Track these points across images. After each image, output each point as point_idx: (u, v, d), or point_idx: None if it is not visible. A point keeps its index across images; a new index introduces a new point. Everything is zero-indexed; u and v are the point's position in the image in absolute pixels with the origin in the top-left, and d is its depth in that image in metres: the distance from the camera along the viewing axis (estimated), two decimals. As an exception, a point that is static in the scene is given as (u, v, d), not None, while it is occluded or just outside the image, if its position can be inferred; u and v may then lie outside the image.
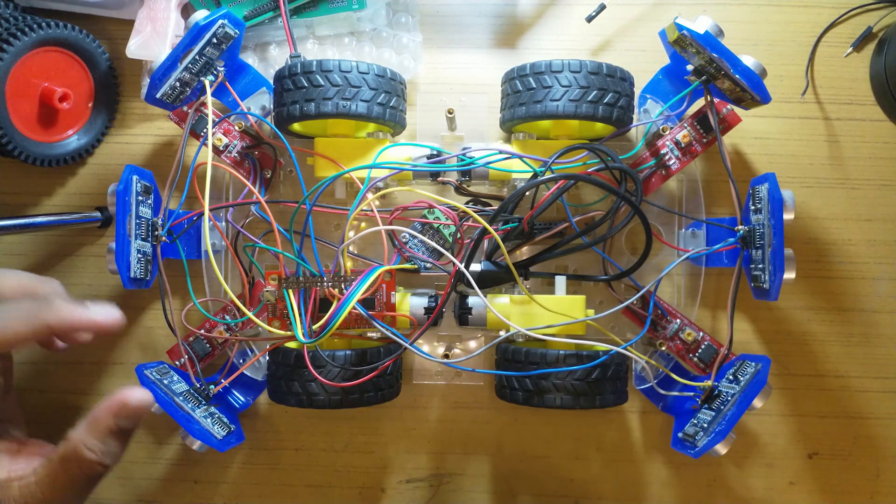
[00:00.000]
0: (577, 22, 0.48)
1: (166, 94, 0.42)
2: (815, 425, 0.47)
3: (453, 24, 0.49)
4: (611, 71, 0.41)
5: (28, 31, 0.43)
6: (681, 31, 0.39)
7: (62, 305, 0.36)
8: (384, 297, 0.42)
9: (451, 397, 0.47)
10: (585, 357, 0.40)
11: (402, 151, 0.43)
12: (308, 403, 0.41)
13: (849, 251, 0.47)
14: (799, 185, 0.47)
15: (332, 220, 0.46)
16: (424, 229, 0.43)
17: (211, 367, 0.46)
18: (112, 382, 0.48)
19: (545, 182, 0.39)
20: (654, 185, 0.44)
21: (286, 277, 0.41)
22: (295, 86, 0.41)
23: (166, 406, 0.40)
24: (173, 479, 0.48)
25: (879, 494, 0.46)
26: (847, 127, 0.47)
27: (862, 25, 0.47)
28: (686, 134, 0.44)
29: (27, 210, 0.49)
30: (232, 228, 0.44)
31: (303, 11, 0.46)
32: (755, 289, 0.41)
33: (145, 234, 0.42)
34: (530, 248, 0.44)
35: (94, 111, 0.48)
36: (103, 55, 0.47)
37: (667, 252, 0.46)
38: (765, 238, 0.40)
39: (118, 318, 0.38)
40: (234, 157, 0.45)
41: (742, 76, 0.40)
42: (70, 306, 0.36)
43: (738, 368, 0.41)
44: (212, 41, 0.42)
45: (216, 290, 0.46)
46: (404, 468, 0.47)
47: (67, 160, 0.47)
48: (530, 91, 0.41)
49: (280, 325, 0.42)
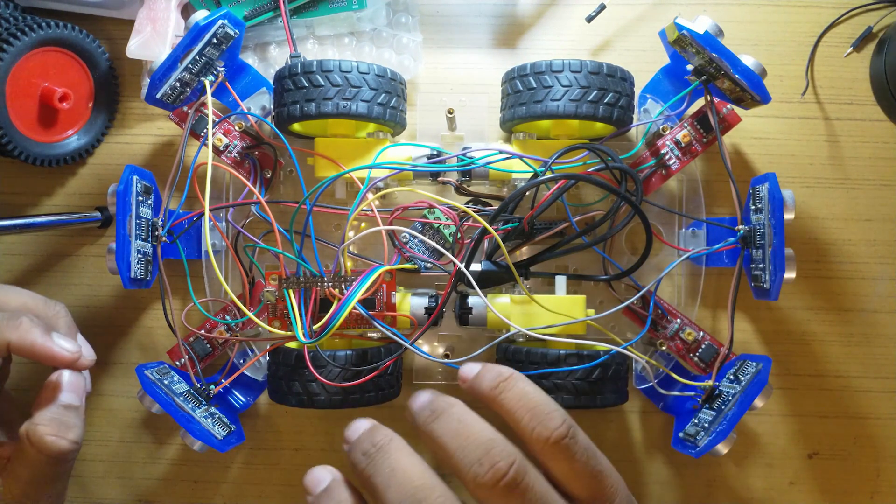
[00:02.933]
0: (577, 22, 0.48)
1: (166, 94, 0.42)
2: (815, 425, 0.47)
3: (453, 24, 0.49)
4: (611, 71, 0.41)
5: (28, 31, 0.43)
6: (681, 31, 0.39)
7: (29, 328, 0.37)
8: (384, 297, 0.42)
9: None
10: (586, 357, 0.40)
11: (402, 151, 0.43)
12: (309, 403, 0.41)
13: (849, 251, 0.47)
14: (799, 185, 0.47)
15: (333, 220, 0.46)
16: (425, 229, 0.43)
17: (211, 368, 0.46)
18: (112, 382, 0.48)
19: (545, 182, 0.39)
20: (654, 184, 0.44)
21: (286, 277, 0.41)
22: (295, 86, 0.41)
23: (167, 406, 0.40)
24: (173, 479, 0.48)
25: (879, 494, 0.46)
26: (847, 127, 0.47)
27: (862, 25, 0.47)
28: (686, 134, 0.44)
29: (27, 210, 0.49)
30: (232, 228, 0.44)
31: (303, 11, 0.46)
32: (755, 289, 0.41)
33: (145, 234, 0.42)
34: (530, 248, 0.44)
35: (94, 111, 0.48)
36: (103, 55, 0.47)
37: (667, 252, 0.46)
38: (765, 238, 0.40)
39: (76, 356, 0.38)
40: (234, 158, 0.45)
41: (742, 76, 0.40)
42: (36, 331, 0.37)
43: (739, 368, 0.41)
44: (212, 41, 0.42)
45: (216, 291, 0.46)
46: (404, 468, 0.47)
47: (67, 160, 0.47)
48: (531, 91, 0.41)
49: (280, 325, 0.42)
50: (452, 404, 0.32)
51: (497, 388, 0.32)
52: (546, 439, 0.30)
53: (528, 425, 0.30)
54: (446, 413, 0.31)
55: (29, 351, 0.36)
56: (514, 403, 0.31)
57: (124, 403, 0.48)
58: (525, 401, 0.31)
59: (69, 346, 0.38)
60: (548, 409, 0.31)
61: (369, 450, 0.31)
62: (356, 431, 0.32)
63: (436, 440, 0.31)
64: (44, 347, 0.37)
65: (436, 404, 0.32)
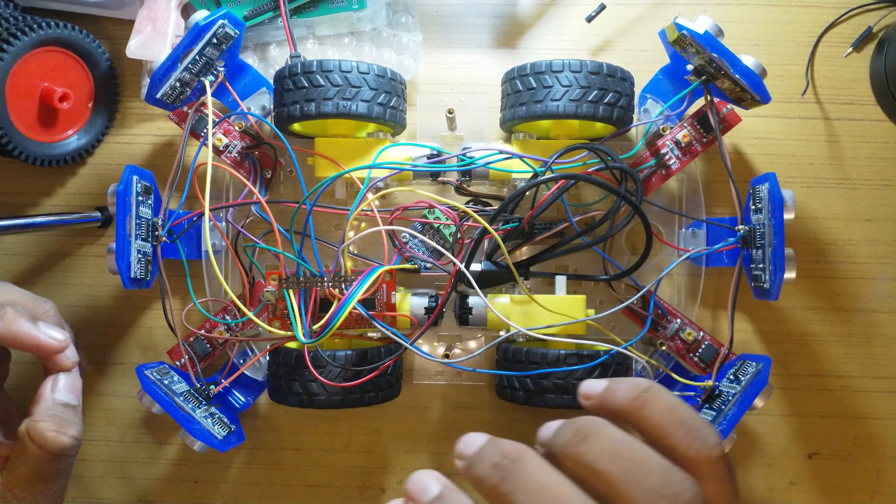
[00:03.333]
0: (577, 22, 0.48)
1: (166, 94, 0.42)
2: (815, 425, 0.47)
3: (453, 24, 0.49)
4: (611, 71, 0.41)
5: (28, 31, 0.43)
6: (681, 31, 0.39)
7: (14, 318, 0.37)
8: (384, 297, 0.42)
9: (451, 397, 0.47)
10: (586, 357, 0.40)
11: (402, 151, 0.43)
12: (309, 403, 0.41)
13: (849, 251, 0.47)
14: (799, 185, 0.47)
15: (333, 220, 0.46)
16: (425, 229, 0.43)
17: (211, 368, 0.46)
18: (112, 382, 0.48)
19: (545, 182, 0.39)
20: (654, 184, 0.44)
21: (286, 277, 0.41)
22: (295, 86, 0.41)
23: (167, 406, 0.40)
24: (173, 479, 0.48)
25: (879, 494, 0.46)
26: (847, 127, 0.47)
27: (862, 25, 0.47)
28: (686, 134, 0.44)
29: (27, 210, 0.49)
30: (232, 228, 0.44)
31: (303, 11, 0.46)
32: (755, 288, 0.41)
33: (145, 234, 0.42)
34: (530, 248, 0.44)
35: (94, 111, 0.48)
36: (103, 55, 0.47)
37: (667, 252, 0.46)
38: (765, 238, 0.40)
39: (64, 345, 0.38)
40: (234, 158, 0.45)
41: (742, 76, 0.40)
42: (21, 320, 0.37)
43: (739, 368, 0.41)
44: (212, 41, 0.42)
45: (216, 291, 0.46)
46: (404, 468, 0.47)
47: (67, 160, 0.47)
48: (531, 91, 0.41)
49: (280, 325, 0.42)
50: (600, 423, 0.27)
51: (638, 401, 0.28)
52: (706, 458, 0.26)
53: (682, 442, 0.27)
54: (598, 433, 0.27)
55: (13, 339, 0.37)
56: (661, 417, 0.28)
57: (124, 403, 0.48)
58: (675, 415, 0.28)
59: (56, 334, 0.38)
60: (701, 425, 0.27)
61: (501, 462, 0.26)
62: (472, 444, 0.28)
63: (587, 465, 0.26)
64: (28, 335, 0.37)
65: (579, 424, 0.27)
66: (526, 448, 0.27)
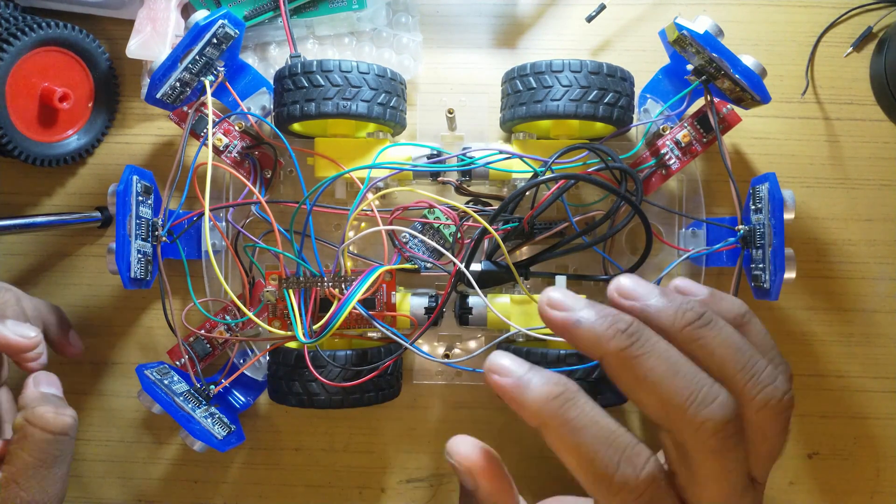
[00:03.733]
0: (577, 22, 0.48)
1: (166, 94, 0.42)
2: (815, 425, 0.47)
3: (453, 24, 0.49)
4: (611, 71, 0.41)
5: (28, 31, 0.43)
6: (681, 31, 0.39)
7: None
8: (384, 297, 0.42)
9: (451, 397, 0.47)
10: (586, 357, 0.40)
11: (402, 151, 0.43)
12: (309, 403, 0.41)
13: (849, 251, 0.47)
14: (799, 185, 0.47)
15: (333, 220, 0.46)
16: (425, 229, 0.43)
17: (211, 368, 0.46)
18: (112, 382, 0.48)
19: (545, 182, 0.39)
20: (654, 184, 0.44)
21: (286, 277, 0.41)
22: (295, 86, 0.41)
23: (166, 406, 0.40)
24: (173, 479, 0.48)
25: (879, 494, 0.46)
26: (847, 127, 0.47)
27: (862, 25, 0.47)
28: (686, 133, 0.44)
29: (27, 210, 0.49)
30: (232, 228, 0.44)
31: (303, 11, 0.46)
32: (755, 288, 0.41)
33: (145, 234, 0.42)
34: (530, 247, 0.44)
35: (94, 111, 0.48)
36: (103, 55, 0.47)
37: (667, 252, 0.46)
38: (765, 238, 0.40)
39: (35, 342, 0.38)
40: (234, 158, 0.45)
41: (742, 76, 0.40)
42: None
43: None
44: (212, 41, 0.42)
45: (216, 290, 0.46)
46: (404, 468, 0.47)
47: (67, 160, 0.47)
48: (531, 91, 0.41)
49: (280, 325, 0.42)
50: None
51: (743, 317, 0.30)
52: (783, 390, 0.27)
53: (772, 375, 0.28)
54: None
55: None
56: (757, 339, 0.29)
57: (124, 403, 0.48)
58: (768, 338, 0.30)
59: (27, 332, 0.38)
60: (781, 360, 0.30)
61: (628, 328, 0.26)
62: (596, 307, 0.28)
63: (705, 347, 0.27)
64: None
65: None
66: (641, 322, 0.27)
